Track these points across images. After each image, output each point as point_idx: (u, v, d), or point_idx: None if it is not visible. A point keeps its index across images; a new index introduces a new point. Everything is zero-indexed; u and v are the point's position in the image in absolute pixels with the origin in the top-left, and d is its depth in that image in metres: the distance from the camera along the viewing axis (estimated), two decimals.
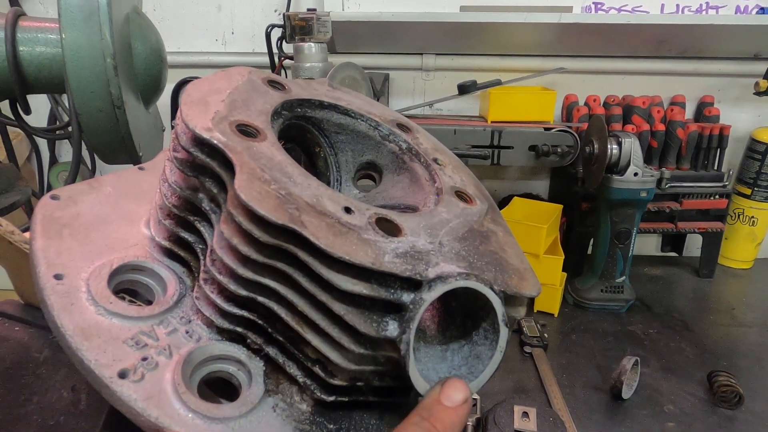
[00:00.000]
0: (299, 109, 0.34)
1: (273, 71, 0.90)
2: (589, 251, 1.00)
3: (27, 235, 0.32)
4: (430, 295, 0.24)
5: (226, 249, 0.25)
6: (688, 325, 0.91)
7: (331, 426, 0.26)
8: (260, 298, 0.25)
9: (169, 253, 0.29)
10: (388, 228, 0.26)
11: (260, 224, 0.23)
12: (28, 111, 0.63)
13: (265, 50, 1.09)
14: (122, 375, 0.23)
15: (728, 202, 1.02)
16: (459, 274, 0.25)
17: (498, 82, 1.02)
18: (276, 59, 0.96)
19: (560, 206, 0.99)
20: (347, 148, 0.37)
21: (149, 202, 0.32)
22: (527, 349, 0.82)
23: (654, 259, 1.16)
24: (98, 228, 0.29)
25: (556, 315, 0.93)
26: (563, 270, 0.93)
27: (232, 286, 0.25)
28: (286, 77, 0.99)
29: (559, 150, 0.96)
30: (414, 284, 0.25)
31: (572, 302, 0.96)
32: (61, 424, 0.28)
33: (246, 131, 0.27)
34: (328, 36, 0.75)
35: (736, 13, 1.02)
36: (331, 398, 0.26)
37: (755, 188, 1.05)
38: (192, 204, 0.28)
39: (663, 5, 1.03)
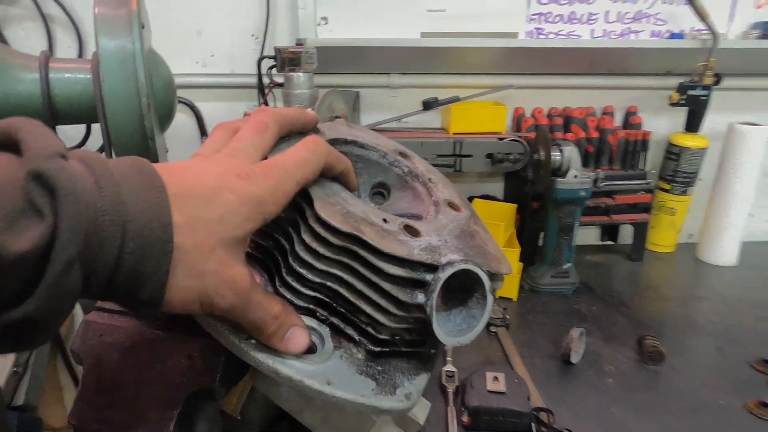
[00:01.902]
0: (334, 147, 0.45)
1: (263, 97, 1.00)
2: (540, 243, 1.16)
3: None
4: (443, 275, 0.37)
5: (307, 250, 0.36)
6: (624, 301, 1.08)
7: (379, 368, 0.38)
8: (329, 283, 0.37)
9: (248, 255, 0.40)
10: (412, 231, 0.39)
11: (333, 232, 0.35)
12: None
13: (245, 72, 1.20)
14: (247, 339, 0.34)
15: (652, 196, 1.20)
16: (460, 260, 0.38)
17: (457, 99, 1.16)
18: (263, 86, 1.07)
19: (514, 205, 1.14)
20: (364, 172, 0.49)
21: None
22: (492, 328, 0.96)
23: (594, 248, 1.33)
24: None
25: (515, 299, 1.08)
26: (520, 260, 1.08)
27: (310, 275, 0.37)
28: (275, 103, 1.09)
29: (511, 157, 1.11)
30: (433, 268, 0.37)
31: (528, 288, 1.12)
32: (184, 381, 0.39)
33: None
34: (314, 66, 0.86)
35: (651, 36, 1.21)
36: (378, 349, 0.38)
37: (674, 184, 1.24)
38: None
39: (593, 30, 1.20)
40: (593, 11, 1.18)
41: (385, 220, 0.38)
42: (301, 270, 0.37)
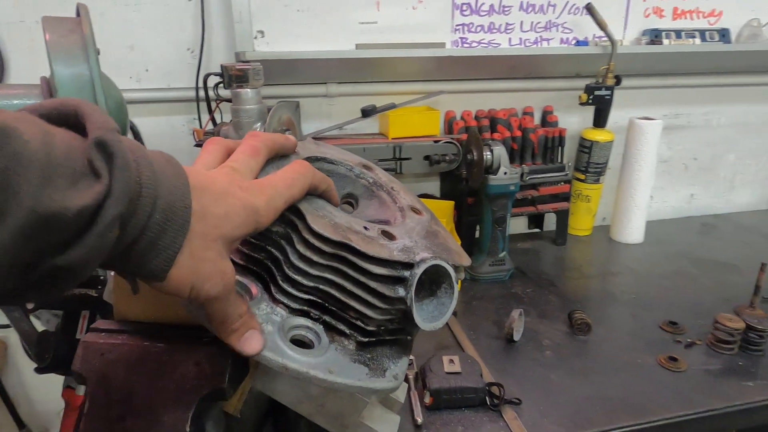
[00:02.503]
0: None
1: (210, 113, 1.01)
2: (477, 235, 1.27)
3: None
4: (418, 270, 0.43)
5: (301, 259, 0.41)
6: (553, 282, 1.21)
7: (368, 355, 0.44)
8: (321, 286, 0.42)
9: (243, 268, 0.45)
10: (389, 235, 0.45)
11: (325, 242, 0.41)
12: None
13: (181, 85, 1.20)
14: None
15: (570, 186, 1.35)
16: (431, 257, 0.44)
17: (393, 106, 1.23)
18: (209, 101, 1.09)
19: (452, 202, 1.24)
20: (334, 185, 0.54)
21: None
22: None
23: (524, 236, 1.46)
24: None
25: (459, 289, 1.17)
26: None
27: (304, 281, 0.42)
28: (222, 118, 1.10)
29: (447, 158, 1.21)
30: (410, 266, 0.43)
31: (469, 277, 1.21)
32: (195, 386, 0.42)
33: None
34: (261, 82, 0.89)
35: (560, 43, 1.34)
36: (366, 339, 0.44)
37: (587, 174, 1.39)
38: (262, 235, 0.44)
39: (510, 39, 1.32)
40: (510, 21, 1.29)
41: (366, 228, 0.44)
42: (296, 276, 0.42)
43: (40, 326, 1.01)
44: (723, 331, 0.92)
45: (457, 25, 1.27)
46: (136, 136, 1.22)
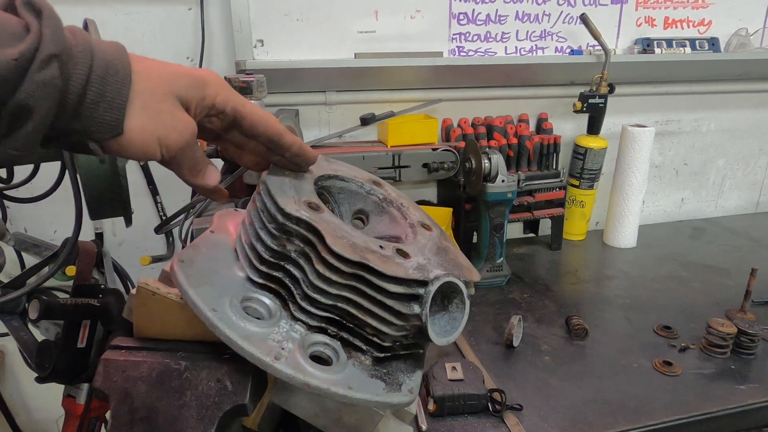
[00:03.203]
0: (319, 182, 0.52)
1: None
2: (474, 241, 1.28)
3: (156, 286, 0.46)
4: (432, 288, 0.45)
5: (320, 278, 0.43)
6: (549, 287, 1.23)
7: (384, 370, 0.46)
8: (339, 304, 0.44)
9: (261, 286, 0.46)
10: (403, 254, 0.46)
11: (344, 262, 0.42)
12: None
13: None
14: (276, 358, 0.40)
15: (565, 192, 1.37)
16: (444, 274, 0.46)
17: (391, 114, 1.25)
18: None
19: (450, 209, 1.25)
20: (345, 201, 0.55)
21: (228, 254, 0.48)
22: None
23: (519, 241, 1.48)
24: (214, 277, 0.45)
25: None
26: None
27: (323, 299, 0.43)
28: None
29: (445, 165, 1.22)
30: (424, 283, 0.45)
31: None
32: (217, 402, 0.43)
33: (312, 206, 0.45)
34: (265, 94, 0.90)
35: (555, 52, 1.37)
36: (382, 355, 0.45)
37: (581, 180, 1.41)
38: (280, 254, 0.45)
39: (506, 48, 1.34)
40: (506, 31, 1.32)
41: (381, 247, 0.46)
42: (315, 295, 0.43)
43: (39, 335, 1.01)
44: (716, 336, 0.94)
45: (454, 34, 1.29)
46: None
